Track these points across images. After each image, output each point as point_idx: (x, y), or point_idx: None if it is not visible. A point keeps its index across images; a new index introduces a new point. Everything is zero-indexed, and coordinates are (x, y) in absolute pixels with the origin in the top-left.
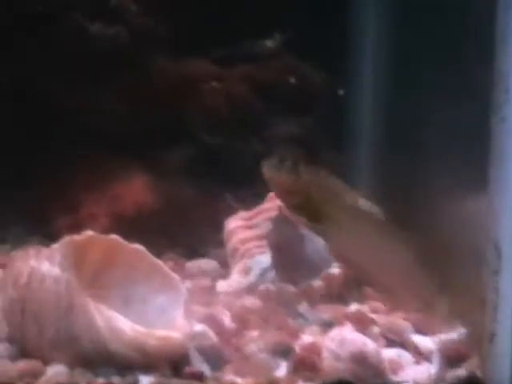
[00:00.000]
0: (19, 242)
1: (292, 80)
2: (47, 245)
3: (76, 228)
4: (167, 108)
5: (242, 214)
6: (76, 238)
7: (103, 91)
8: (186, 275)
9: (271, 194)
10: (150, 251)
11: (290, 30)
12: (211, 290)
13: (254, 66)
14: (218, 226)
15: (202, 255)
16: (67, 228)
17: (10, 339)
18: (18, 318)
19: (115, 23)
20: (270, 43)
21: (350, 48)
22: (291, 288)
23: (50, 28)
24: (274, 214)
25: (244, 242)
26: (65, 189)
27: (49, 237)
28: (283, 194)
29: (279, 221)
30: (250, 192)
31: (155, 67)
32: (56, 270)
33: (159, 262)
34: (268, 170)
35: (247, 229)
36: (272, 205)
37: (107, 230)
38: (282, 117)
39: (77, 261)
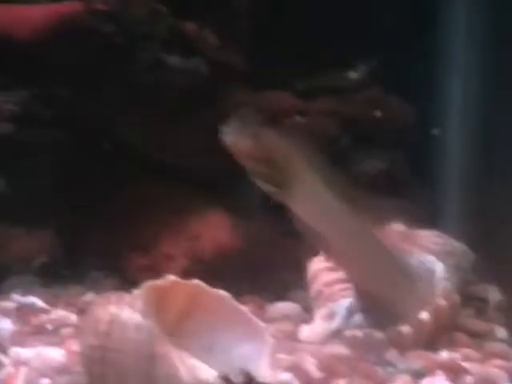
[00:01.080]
0: (94, 282)
1: (378, 113)
2: (123, 286)
3: (152, 269)
4: None
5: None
6: (158, 283)
7: (181, 126)
8: (267, 319)
9: None
10: (230, 293)
11: (375, 60)
12: (294, 335)
13: (337, 98)
14: (300, 268)
15: (284, 298)
16: (143, 268)
17: None
18: (98, 366)
19: (194, 55)
20: (354, 75)
21: (439, 79)
22: (379, 334)
23: (126, 59)
24: None
25: (328, 284)
26: (141, 228)
27: (124, 277)
28: (244, 160)
29: None
30: None
31: (235, 101)
32: (138, 318)
33: (243, 308)
34: (228, 135)
35: (331, 271)
36: None
37: (185, 271)
38: (367, 151)
39: (158, 307)
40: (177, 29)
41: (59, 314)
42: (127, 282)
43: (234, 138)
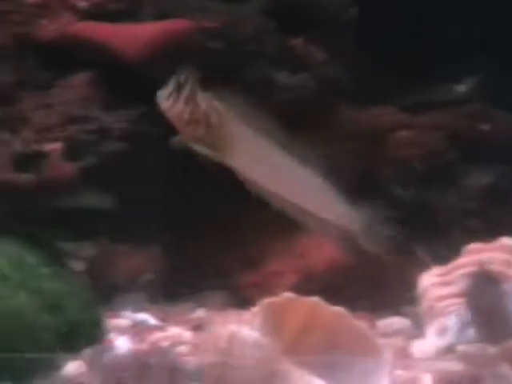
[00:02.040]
0: (203, 299)
1: (484, 127)
2: (232, 302)
3: (262, 285)
4: (354, 159)
5: (437, 269)
6: (275, 300)
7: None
8: (379, 334)
9: (468, 248)
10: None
11: (482, 74)
12: (406, 350)
13: (444, 112)
14: (410, 282)
15: (394, 313)
16: (253, 285)
17: None
18: (218, 383)
19: (301, 71)
20: (461, 88)
21: None
22: (492, 349)
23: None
24: (472, 269)
25: (440, 299)
26: (250, 245)
27: (233, 293)
28: (182, 125)
29: (480, 277)
30: (444, 245)
31: (341, 116)
32: (257, 335)
33: (362, 325)
34: (164, 100)
35: (443, 286)
36: (470, 259)
37: (294, 288)
38: (475, 166)
39: (277, 325)
40: (284, 45)
41: (173, 331)
42: (236, 299)
43: (171, 102)
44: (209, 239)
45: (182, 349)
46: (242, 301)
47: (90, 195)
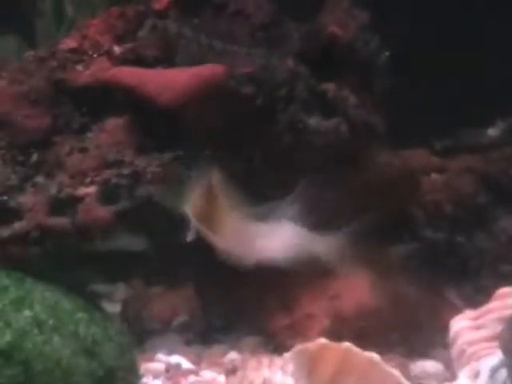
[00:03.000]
0: (236, 341)
1: None
2: (264, 345)
3: (294, 328)
4: (387, 202)
5: (469, 313)
6: (308, 346)
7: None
8: (411, 378)
9: (500, 292)
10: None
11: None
12: None
13: (476, 156)
14: (442, 326)
15: (425, 356)
16: (285, 328)
17: None
18: None
19: (334, 115)
20: (493, 132)
21: None
22: None
23: (266, 121)
24: (505, 312)
25: (471, 343)
26: (282, 287)
27: (265, 336)
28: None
29: None
30: (475, 289)
31: (374, 160)
32: (289, 381)
33: (395, 372)
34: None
35: (474, 329)
36: (501, 303)
37: (326, 331)
38: (506, 209)
39: (309, 371)
40: (316, 89)
41: (207, 374)
42: (270, 342)
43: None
44: (242, 282)
45: None
46: (276, 344)
47: (123, 238)
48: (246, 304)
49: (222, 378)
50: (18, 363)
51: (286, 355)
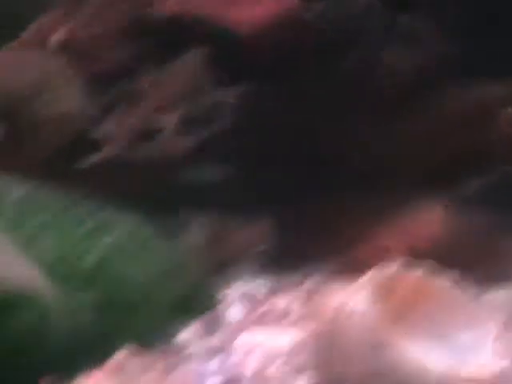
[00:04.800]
0: (312, 271)
1: None
2: (341, 275)
3: (370, 259)
4: (462, 135)
5: None
6: (383, 271)
7: (396, 120)
8: (483, 306)
9: None
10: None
11: None
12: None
13: None
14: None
15: (502, 286)
16: (361, 258)
17: (317, 371)
18: (325, 352)
19: (410, 49)
20: None
21: None
22: None
23: (340, 56)
24: None
25: None
26: (359, 219)
27: (342, 266)
28: None
29: None
30: None
31: (449, 93)
32: (364, 306)
33: (467, 297)
34: None
35: None
36: None
37: (402, 260)
38: None
39: (384, 296)
40: (391, 22)
41: (283, 301)
42: (344, 269)
43: None
44: (321, 213)
45: (292, 318)
46: (352, 273)
47: (203, 169)
48: (323, 234)
49: (297, 304)
50: (100, 286)
51: (363, 280)
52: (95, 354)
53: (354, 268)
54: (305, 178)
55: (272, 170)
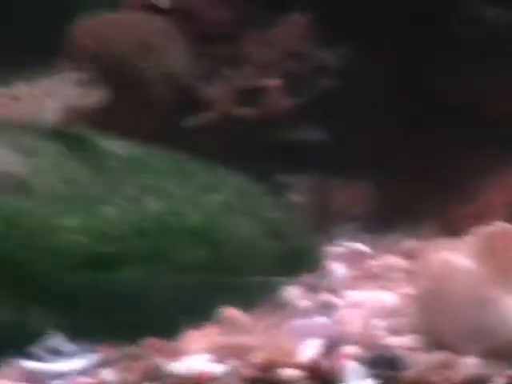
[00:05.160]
0: (413, 229)
1: None
2: (442, 233)
3: (474, 216)
4: None
5: None
6: (488, 229)
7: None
8: None
9: None
10: None
11: None
12: None
13: None
14: None
15: None
16: (466, 216)
17: (423, 331)
18: (431, 308)
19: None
20: None
21: None
22: None
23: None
24: None
25: None
26: (464, 177)
27: (444, 224)
28: None
29: None
30: None
31: None
32: (469, 263)
33: None
34: None
35: None
36: None
37: (505, 218)
38: None
39: (489, 253)
40: None
41: (386, 259)
42: (448, 230)
43: None
44: (422, 173)
45: (396, 275)
46: (454, 232)
47: (306, 130)
48: (424, 193)
49: (400, 261)
50: (208, 243)
51: (467, 238)
52: (205, 310)
53: (457, 225)
54: (407, 139)
55: (373, 132)
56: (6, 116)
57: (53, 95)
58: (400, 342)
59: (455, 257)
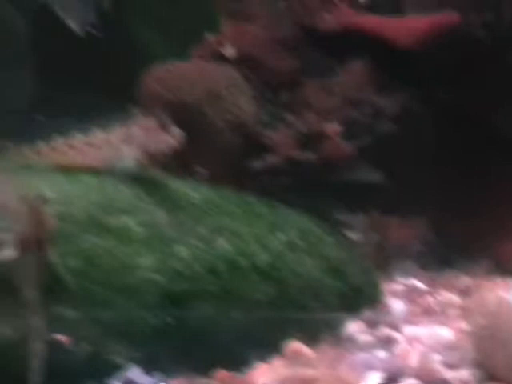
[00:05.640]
0: (467, 267)
1: None
2: (495, 271)
3: None
4: None
5: None
6: None
7: None
8: None
9: None
10: None
11: None
12: None
13: None
14: None
15: None
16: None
17: (478, 364)
18: (487, 344)
19: None
20: None
21: None
22: None
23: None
24: None
25: None
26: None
27: (496, 262)
28: None
29: None
30: None
31: None
32: None
33: None
34: None
35: None
36: None
37: None
38: None
39: None
40: None
41: (443, 295)
42: (501, 268)
43: None
44: (474, 211)
45: (452, 312)
46: (506, 270)
47: (364, 171)
48: (480, 232)
49: (456, 298)
50: (274, 281)
51: None
52: (272, 344)
53: (510, 265)
54: (458, 182)
55: (428, 173)
56: (85, 162)
57: (128, 141)
58: (456, 376)
59: (510, 295)
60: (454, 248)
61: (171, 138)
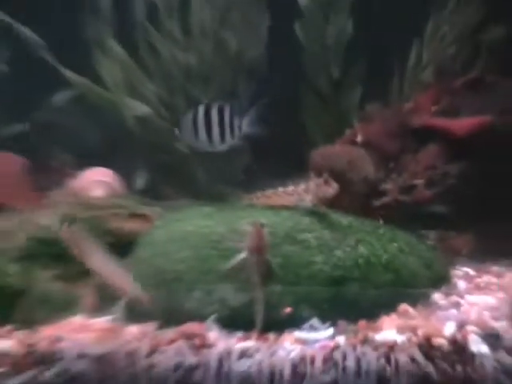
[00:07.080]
0: (499, 260)
1: None
2: None
3: None
4: None
5: None
6: None
7: None
8: None
9: None
10: None
11: None
12: None
13: None
14: None
15: None
16: None
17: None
18: None
19: None
20: None
21: None
22: None
23: None
24: None
25: None
26: None
27: None
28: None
29: None
30: None
31: None
32: None
33: None
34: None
35: None
36: None
37: None
38: None
39: None
40: None
41: (486, 278)
42: None
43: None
44: (508, 227)
45: (493, 287)
46: None
47: (436, 206)
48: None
49: (494, 279)
50: (392, 271)
51: None
52: (392, 306)
53: None
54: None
55: (475, 207)
56: (283, 203)
57: (307, 191)
58: (499, 325)
59: None
60: (494, 249)
61: (331, 189)
